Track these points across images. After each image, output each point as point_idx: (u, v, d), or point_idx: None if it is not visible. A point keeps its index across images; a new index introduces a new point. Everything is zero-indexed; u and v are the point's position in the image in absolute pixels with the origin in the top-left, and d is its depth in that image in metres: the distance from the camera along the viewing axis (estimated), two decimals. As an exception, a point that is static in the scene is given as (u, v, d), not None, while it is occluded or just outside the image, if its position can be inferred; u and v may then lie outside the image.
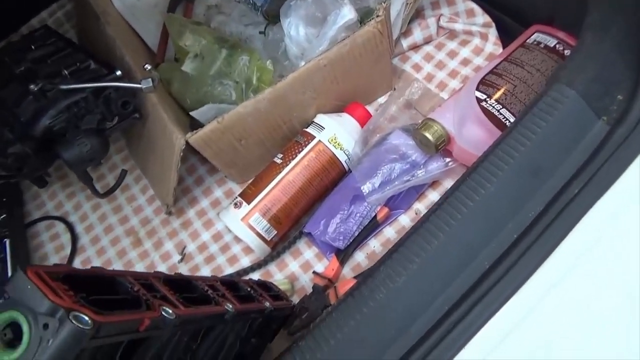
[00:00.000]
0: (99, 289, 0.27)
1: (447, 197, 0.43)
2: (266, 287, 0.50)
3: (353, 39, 0.59)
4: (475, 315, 0.39)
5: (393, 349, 0.39)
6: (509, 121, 0.55)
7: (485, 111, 0.56)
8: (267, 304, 0.44)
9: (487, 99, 0.56)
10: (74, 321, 0.22)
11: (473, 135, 0.56)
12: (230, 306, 0.36)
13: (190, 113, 0.60)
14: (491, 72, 0.59)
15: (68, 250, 0.69)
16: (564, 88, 0.44)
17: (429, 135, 0.57)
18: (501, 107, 0.56)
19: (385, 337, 0.40)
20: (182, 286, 0.34)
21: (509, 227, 0.41)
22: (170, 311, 0.28)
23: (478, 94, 0.57)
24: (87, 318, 0.23)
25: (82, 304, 0.24)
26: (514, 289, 0.40)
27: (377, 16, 0.58)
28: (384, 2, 0.59)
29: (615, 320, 0.38)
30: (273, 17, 0.77)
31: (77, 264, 0.68)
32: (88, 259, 0.68)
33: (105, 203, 0.71)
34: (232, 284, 0.43)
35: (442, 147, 0.58)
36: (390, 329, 0.40)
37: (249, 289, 0.44)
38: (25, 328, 0.23)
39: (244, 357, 0.44)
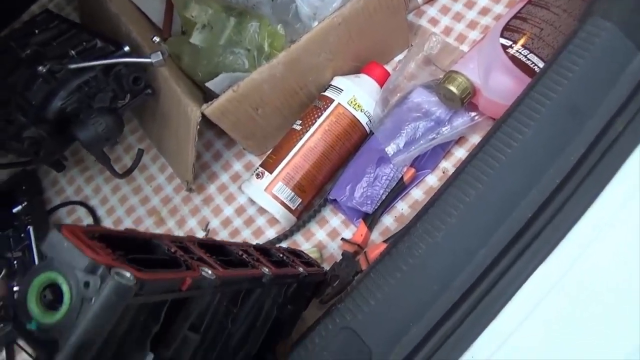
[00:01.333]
0: (135, 250, 0.25)
1: (483, 145, 0.41)
2: (296, 254, 0.48)
3: (367, -7, 0.56)
4: (520, 266, 0.38)
5: (436, 306, 0.38)
6: (538, 67, 0.53)
7: (512, 58, 0.53)
8: (301, 269, 0.43)
9: (513, 45, 0.54)
10: (116, 277, 0.21)
11: (500, 85, 0.54)
12: (267, 270, 0.35)
13: (206, 84, 0.58)
14: (515, 17, 0.56)
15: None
16: (600, 20, 0.42)
17: (453, 88, 0.55)
18: (528, 52, 0.53)
19: (427, 294, 0.38)
20: (216, 250, 0.33)
21: (550, 172, 0.39)
22: (210, 272, 0.27)
23: (503, 41, 0.54)
24: (128, 275, 0.21)
25: (122, 261, 0.23)
26: (559, 237, 0.38)
27: (391, -34, 0.55)
28: (398, -48, 0.56)
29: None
30: (279, -18, 0.74)
31: (102, 247, 0.67)
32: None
33: (125, 184, 0.70)
34: (264, 250, 0.41)
35: (467, 100, 0.56)
36: (432, 284, 0.39)
37: (281, 255, 0.43)
38: (65, 288, 0.21)
39: (281, 324, 0.43)
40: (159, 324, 0.25)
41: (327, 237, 0.62)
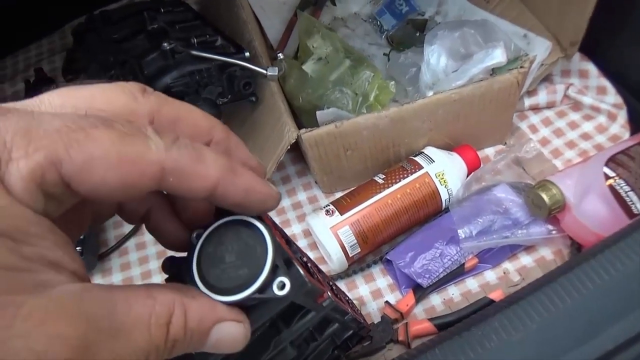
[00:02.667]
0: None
1: (581, 262, 0.41)
2: (352, 303, 0.47)
3: (490, 82, 0.58)
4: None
5: (494, 405, 0.37)
6: (635, 206, 0.53)
7: (611, 188, 0.54)
8: (361, 319, 0.42)
9: (616, 178, 0.54)
10: (299, 272, 0.20)
11: (593, 210, 0.54)
12: (349, 309, 0.34)
13: (317, 112, 0.60)
14: (622, 152, 0.57)
15: (126, 229, 0.67)
16: None
17: (546, 197, 0.55)
18: (629, 189, 0.53)
19: (488, 390, 0.37)
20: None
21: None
22: (330, 293, 0.26)
23: (607, 170, 0.55)
24: (302, 272, 0.21)
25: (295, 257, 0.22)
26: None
27: (521, 67, 0.57)
28: (530, 55, 0.58)
29: None
30: (397, 44, 0.78)
31: (132, 244, 0.66)
32: (144, 243, 0.66)
33: (190, 175, 0.71)
34: (338, 290, 0.40)
35: (554, 212, 0.56)
36: (495, 382, 0.37)
37: (347, 299, 0.42)
38: None
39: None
40: (287, 328, 0.24)
41: (370, 294, 0.60)
